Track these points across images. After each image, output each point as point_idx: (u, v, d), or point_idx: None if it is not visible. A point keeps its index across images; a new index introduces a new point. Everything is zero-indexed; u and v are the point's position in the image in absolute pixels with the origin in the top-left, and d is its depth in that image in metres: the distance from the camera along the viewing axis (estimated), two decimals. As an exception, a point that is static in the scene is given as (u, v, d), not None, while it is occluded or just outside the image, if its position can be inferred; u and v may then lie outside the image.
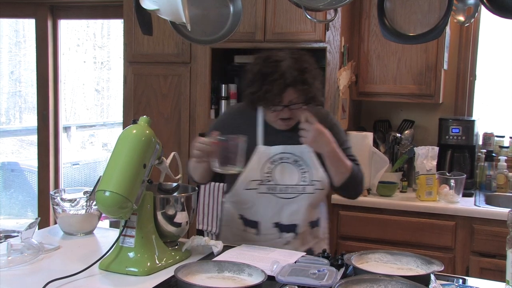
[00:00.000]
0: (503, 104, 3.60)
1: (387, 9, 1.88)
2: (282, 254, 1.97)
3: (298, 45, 3.25)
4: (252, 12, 3.26)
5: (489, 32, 3.50)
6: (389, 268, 1.81)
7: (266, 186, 2.12)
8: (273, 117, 2.11)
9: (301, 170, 2.13)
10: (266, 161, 2.13)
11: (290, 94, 2.02)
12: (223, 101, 3.50)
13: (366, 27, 3.31)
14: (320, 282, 1.67)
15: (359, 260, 1.83)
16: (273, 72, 2.01)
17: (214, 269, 1.72)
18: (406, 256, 1.85)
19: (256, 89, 2.04)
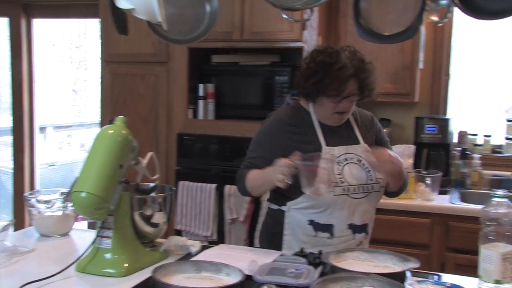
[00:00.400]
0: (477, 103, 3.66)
1: (363, 9, 1.89)
2: (260, 253, 1.98)
3: (276, 45, 3.27)
4: (229, 12, 3.25)
5: (463, 32, 3.55)
6: (366, 266, 1.83)
7: (341, 188, 2.08)
8: (329, 111, 2.10)
9: (366, 169, 2.12)
10: (334, 162, 2.11)
11: (351, 85, 2.05)
12: (200, 101, 3.49)
13: (342, 26, 3.33)
14: (298, 281, 1.68)
15: (336, 258, 1.85)
16: (336, 62, 2.03)
17: (192, 269, 1.71)
18: (383, 253, 1.87)
19: (320, 78, 2.03)
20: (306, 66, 2.11)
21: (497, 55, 3.55)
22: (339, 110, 2.09)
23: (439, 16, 1.76)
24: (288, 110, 2.27)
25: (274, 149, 2.12)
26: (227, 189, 3.27)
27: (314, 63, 2.07)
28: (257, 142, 2.21)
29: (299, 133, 2.14)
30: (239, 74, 3.49)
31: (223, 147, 3.39)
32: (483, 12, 1.66)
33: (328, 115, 2.12)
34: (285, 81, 3.35)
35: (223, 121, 3.44)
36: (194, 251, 1.95)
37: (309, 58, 2.12)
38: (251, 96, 3.46)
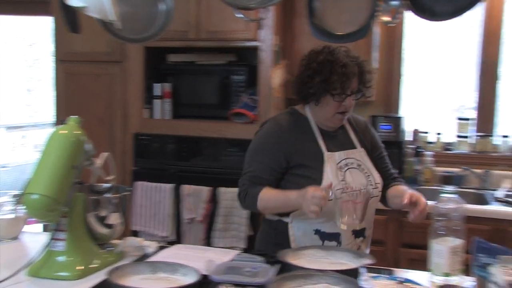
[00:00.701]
0: (429, 102, 3.74)
1: (316, 8, 1.91)
2: (217, 252, 1.98)
3: (232, 44, 3.27)
4: (185, 10, 3.23)
5: (414, 32, 3.63)
6: (322, 263, 1.84)
7: (346, 194, 2.02)
8: (333, 111, 2.07)
9: (365, 174, 2.12)
10: (336, 168, 2.08)
11: (354, 82, 2.05)
12: (157, 100, 3.46)
13: (298, 26, 3.35)
14: (254, 279, 1.68)
15: (293, 256, 1.86)
16: (338, 60, 2.02)
17: (147, 270, 1.70)
18: (339, 251, 1.90)
19: (326, 76, 2.01)
20: (306, 67, 2.08)
21: (447, 55, 3.64)
22: (342, 110, 2.07)
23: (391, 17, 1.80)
24: (286, 116, 2.20)
25: (278, 156, 2.08)
26: (184, 188, 3.26)
27: (316, 62, 2.05)
28: (258, 151, 2.13)
29: (300, 139, 2.11)
30: (195, 73, 3.48)
31: (180, 146, 3.37)
32: (432, 13, 1.70)
33: (330, 116, 2.09)
34: (242, 80, 3.36)
35: (180, 121, 3.42)
36: (150, 252, 1.93)
37: (308, 59, 2.09)
38: (208, 96, 3.46)
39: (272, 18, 3.14)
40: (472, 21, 3.51)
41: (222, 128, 3.29)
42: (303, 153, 2.08)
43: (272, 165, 2.08)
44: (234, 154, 3.27)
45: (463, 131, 3.57)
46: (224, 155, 3.29)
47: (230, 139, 3.27)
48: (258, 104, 3.22)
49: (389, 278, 1.74)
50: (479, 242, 1.61)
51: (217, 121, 3.35)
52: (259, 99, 3.21)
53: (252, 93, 3.30)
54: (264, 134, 2.16)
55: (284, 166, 2.09)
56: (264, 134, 2.16)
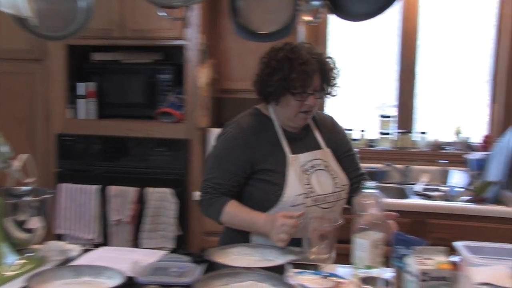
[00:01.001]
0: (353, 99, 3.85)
1: (240, 7, 1.93)
2: (143, 253, 1.95)
3: (158, 43, 3.23)
4: (109, 8, 3.16)
5: (339, 31, 3.72)
6: (249, 260, 1.86)
7: (311, 199, 1.98)
8: (295, 110, 1.99)
9: (332, 176, 2.04)
10: (300, 171, 2.01)
11: (316, 80, 1.96)
12: (81, 100, 3.36)
13: (224, 25, 3.35)
14: (181, 279, 1.67)
15: (220, 254, 1.87)
16: (299, 57, 1.93)
17: (71, 274, 1.65)
18: (265, 248, 1.92)
19: (285, 74, 1.92)
20: (266, 65, 2.00)
21: (370, 54, 3.76)
22: (305, 109, 1.99)
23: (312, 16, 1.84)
24: (249, 117, 2.11)
25: (241, 162, 2.01)
26: (111, 189, 3.19)
27: (276, 60, 1.96)
28: (221, 156, 2.05)
29: (263, 142, 2.03)
30: (121, 72, 3.41)
31: (106, 147, 3.29)
32: (350, 14, 1.76)
33: (293, 116, 2.01)
34: (169, 79, 3.33)
35: (105, 121, 3.34)
36: (74, 256, 1.88)
37: (268, 56, 2.01)
38: (134, 95, 3.40)
39: (198, 16, 3.13)
40: (392, 22, 3.65)
41: (149, 128, 3.25)
42: (267, 157, 2.01)
43: (236, 171, 2.01)
44: (162, 154, 3.23)
45: (385, 128, 3.70)
46: (151, 155, 3.25)
47: (157, 139, 3.24)
48: (185, 103, 3.20)
49: (314, 273, 1.78)
50: (397, 235, 1.67)
51: (144, 121, 3.31)
52: (186, 98, 3.19)
53: (179, 92, 3.28)
54: (227, 139, 2.07)
55: (248, 172, 2.02)
56: (226, 138, 2.07)
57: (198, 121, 3.16)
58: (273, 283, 1.63)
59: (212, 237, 3.15)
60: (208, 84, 3.28)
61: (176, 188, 3.18)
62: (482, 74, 3.64)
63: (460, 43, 3.65)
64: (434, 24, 3.65)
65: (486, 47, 3.60)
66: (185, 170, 3.21)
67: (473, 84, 3.69)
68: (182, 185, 3.21)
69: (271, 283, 1.63)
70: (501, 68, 3.54)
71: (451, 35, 3.65)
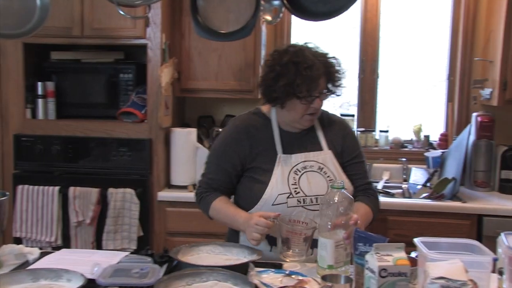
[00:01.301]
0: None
1: (200, 6, 1.92)
2: (104, 255, 1.93)
3: (119, 42, 3.19)
4: (68, 6, 3.10)
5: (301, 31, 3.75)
6: (219, 259, 1.87)
7: (295, 199, 1.96)
8: (301, 113, 1.98)
9: (328, 178, 2.00)
10: (290, 171, 1.99)
11: (322, 82, 1.95)
12: (40, 100, 3.29)
13: (186, 24, 3.34)
14: (143, 280, 1.66)
15: (190, 252, 1.88)
16: (304, 61, 1.90)
17: (28, 278, 1.62)
18: (236, 247, 1.93)
19: (291, 79, 1.90)
20: (270, 69, 1.97)
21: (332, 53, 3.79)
22: (312, 111, 1.99)
23: (272, 16, 1.85)
24: (246, 116, 2.14)
25: (232, 159, 2.05)
26: (72, 191, 3.13)
27: (280, 65, 1.94)
28: (214, 152, 2.12)
29: (256, 141, 2.05)
30: (81, 71, 3.35)
31: (66, 147, 3.23)
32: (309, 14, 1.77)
33: (299, 118, 2.00)
34: (130, 79, 3.29)
35: (66, 121, 3.28)
36: (32, 259, 1.84)
37: (272, 60, 1.99)
38: (95, 95, 3.34)
39: (160, 15, 3.10)
40: (353, 21, 3.69)
41: (110, 128, 3.21)
42: (257, 156, 2.03)
43: (227, 167, 2.05)
44: (124, 154, 3.19)
45: (347, 127, 3.73)
46: (113, 155, 3.21)
47: (119, 139, 3.19)
48: (147, 103, 3.17)
49: (276, 272, 1.79)
50: (358, 232, 1.69)
51: (105, 121, 3.26)
52: (148, 97, 3.16)
53: (141, 91, 3.25)
54: (222, 136, 2.13)
55: (239, 169, 2.06)
56: (221, 136, 2.13)
57: (160, 120, 3.14)
58: (235, 282, 1.63)
59: (175, 237, 3.14)
60: (171, 84, 3.26)
61: (139, 188, 3.15)
62: (440, 73, 3.73)
63: (420, 43, 3.72)
64: (394, 24, 3.72)
65: (443, 47, 3.69)
66: (147, 170, 3.18)
67: (433, 83, 3.77)
68: (145, 185, 3.18)
69: (233, 282, 1.64)
70: (456, 68, 3.63)
71: (411, 35, 3.72)
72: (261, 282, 1.68)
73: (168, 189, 3.27)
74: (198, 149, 3.27)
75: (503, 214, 2.97)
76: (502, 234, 1.57)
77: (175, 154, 3.26)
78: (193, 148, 3.26)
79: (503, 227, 2.31)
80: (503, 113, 3.49)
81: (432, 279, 1.43)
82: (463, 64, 3.59)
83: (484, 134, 3.33)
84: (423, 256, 1.56)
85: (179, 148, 3.24)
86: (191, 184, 3.23)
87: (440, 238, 1.72)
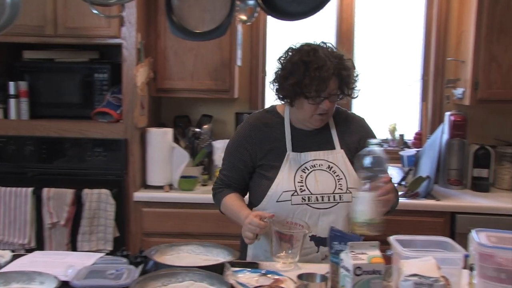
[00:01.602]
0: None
1: (175, 6, 1.91)
2: (79, 257, 1.91)
3: (93, 41, 3.15)
4: (40, 4, 3.05)
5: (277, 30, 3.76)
6: (198, 259, 1.87)
7: (299, 197, 1.95)
8: (310, 113, 1.97)
9: (337, 177, 1.99)
10: (298, 169, 1.99)
11: (332, 83, 1.92)
12: (12, 99, 3.23)
13: (162, 23, 3.32)
14: (118, 282, 1.65)
15: (169, 251, 1.88)
16: (315, 60, 1.88)
17: (-1, 281, 1.60)
18: (217, 247, 1.93)
19: (299, 78, 1.89)
20: (282, 66, 1.97)
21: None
22: (320, 112, 1.97)
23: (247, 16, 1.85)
24: (260, 113, 2.15)
25: (242, 156, 2.07)
26: (46, 192, 3.09)
27: (291, 63, 1.93)
28: (228, 150, 2.15)
29: (267, 138, 2.06)
30: (55, 71, 3.31)
31: (39, 148, 3.19)
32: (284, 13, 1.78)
33: (308, 118, 2.00)
34: (105, 79, 3.26)
35: (39, 121, 3.23)
36: (3, 262, 1.81)
37: (284, 57, 1.99)
38: (69, 94, 3.30)
39: (135, 15, 3.08)
40: (328, 21, 3.72)
41: (85, 128, 3.17)
42: (268, 153, 2.04)
43: (239, 165, 2.08)
44: (99, 155, 3.17)
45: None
46: (89, 156, 3.18)
47: (94, 139, 3.16)
48: (122, 102, 3.15)
49: (252, 271, 1.80)
50: (333, 231, 1.71)
51: (80, 121, 3.22)
52: (123, 97, 3.14)
53: (116, 91, 3.22)
54: (235, 134, 2.16)
55: (250, 166, 2.08)
56: (235, 133, 2.17)
57: (136, 120, 3.11)
58: (211, 282, 1.63)
59: (151, 237, 3.12)
60: (146, 83, 3.24)
61: (114, 189, 3.13)
62: (414, 73, 3.77)
63: (395, 43, 3.76)
64: (369, 24, 3.75)
65: (418, 47, 3.74)
66: (123, 170, 3.15)
67: (408, 83, 3.82)
68: (121, 185, 3.15)
69: (209, 282, 1.64)
70: (430, 68, 3.68)
71: (386, 35, 3.76)
72: (237, 281, 1.68)
73: (144, 189, 3.25)
74: (174, 149, 3.25)
75: (475, 212, 3.02)
76: (473, 231, 1.60)
77: (151, 154, 3.24)
78: (169, 148, 3.24)
79: (475, 224, 2.33)
80: (475, 112, 3.55)
81: (406, 276, 1.44)
82: (437, 64, 3.64)
83: (457, 133, 3.38)
84: (397, 254, 1.58)
85: (155, 148, 3.23)
86: (167, 184, 3.22)
87: (415, 236, 1.74)
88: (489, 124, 3.61)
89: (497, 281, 1.45)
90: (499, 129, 3.59)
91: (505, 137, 3.55)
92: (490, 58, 3.20)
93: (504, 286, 1.44)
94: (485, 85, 3.22)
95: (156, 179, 3.24)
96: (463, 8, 3.46)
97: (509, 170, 3.43)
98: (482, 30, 3.19)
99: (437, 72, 3.65)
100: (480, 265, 1.48)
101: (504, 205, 3.07)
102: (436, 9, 3.61)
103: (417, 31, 3.73)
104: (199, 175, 3.35)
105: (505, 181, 3.44)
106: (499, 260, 1.45)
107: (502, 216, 3.00)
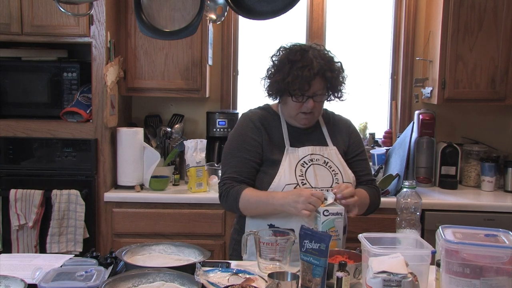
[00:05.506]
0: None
1: (145, 4, 1.90)
2: (47, 259, 1.88)
3: (61, 40, 3.11)
4: (5, 1, 2.99)
5: (248, 30, 3.76)
6: (169, 259, 1.87)
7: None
8: (295, 111, 2.04)
9: (333, 172, 2.06)
10: (297, 163, 2.04)
11: (316, 84, 1.98)
12: (-21, 99, 3.17)
13: (132, 22, 3.29)
14: (87, 283, 1.64)
15: (140, 251, 1.87)
16: (301, 59, 1.95)
17: (-36, 285, 1.56)
18: (188, 247, 1.93)
19: (284, 76, 1.96)
20: (272, 63, 2.06)
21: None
22: (305, 110, 2.04)
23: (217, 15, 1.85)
24: (257, 110, 2.20)
25: (252, 147, 2.07)
26: (13, 193, 3.03)
27: (278, 60, 2.03)
28: (231, 148, 2.12)
29: (268, 133, 2.10)
30: (22, 70, 3.25)
31: (6, 148, 3.13)
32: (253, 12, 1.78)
33: (294, 115, 2.08)
34: (74, 78, 3.21)
35: (5, 121, 3.16)
36: (-31, 265, 1.78)
37: (275, 55, 2.07)
38: (37, 94, 3.24)
39: (104, 13, 3.04)
40: (299, 21, 3.73)
41: (54, 128, 3.12)
42: (269, 147, 2.08)
43: (249, 156, 2.07)
44: (69, 155, 3.12)
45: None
46: (58, 156, 3.13)
47: (63, 139, 3.12)
48: (92, 102, 3.11)
49: (223, 270, 1.80)
50: (304, 230, 1.71)
51: (49, 121, 3.17)
52: (93, 97, 3.10)
53: (86, 91, 3.18)
54: (236, 130, 2.14)
55: (259, 156, 2.08)
56: (236, 130, 2.15)
57: (106, 120, 3.08)
58: (182, 282, 1.63)
59: (122, 238, 3.10)
60: (116, 83, 3.20)
61: (84, 189, 3.09)
62: (384, 72, 3.82)
63: (365, 42, 3.80)
64: (340, 24, 3.78)
65: (387, 47, 3.79)
66: (93, 171, 3.12)
67: (378, 82, 3.86)
68: (91, 186, 3.11)
69: (180, 282, 1.63)
70: (399, 67, 3.73)
71: (357, 35, 3.79)
72: (208, 281, 1.68)
73: (114, 189, 3.21)
74: (145, 149, 3.23)
75: (443, 209, 3.08)
76: (440, 227, 1.63)
77: (121, 154, 3.21)
78: (140, 148, 3.21)
79: (443, 221, 2.38)
80: (442, 111, 3.62)
81: (375, 273, 1.46)
82: (406, 63, 3.70)
83: (426, 132, 3.44)
84: (366, 252, 1.60)
85: (125, 148, 3.20)
86: (138, 184, 3.19)
87: (384, 233, 1.77)
88: (457, 123, 3.68)
89: (462, 276, 1.48)
90: (466, 127, 3.67)
91: (472, 135, 3.62)
92: (456, 57, 3.27)
93: (468, 281, 1.47)
94: (452, 84, 3.29)
95: (127, 179, 3.21)
96: (430, 8, 3.52)
97: (475, 167, 3.50)
98: (448, 30, 3.25)
99: (406, 71, 3.70)
100: (446, 261, 1.51)
101: (470, 201, 3.14)
102: (404, 9, 3.66)
103: (387, 30, 3.78)
104: (170, 175, 3.33)
105: (472, 178, 3.51)
106: (464, 256, 1.48)
107: (469, 213, 3.07)
